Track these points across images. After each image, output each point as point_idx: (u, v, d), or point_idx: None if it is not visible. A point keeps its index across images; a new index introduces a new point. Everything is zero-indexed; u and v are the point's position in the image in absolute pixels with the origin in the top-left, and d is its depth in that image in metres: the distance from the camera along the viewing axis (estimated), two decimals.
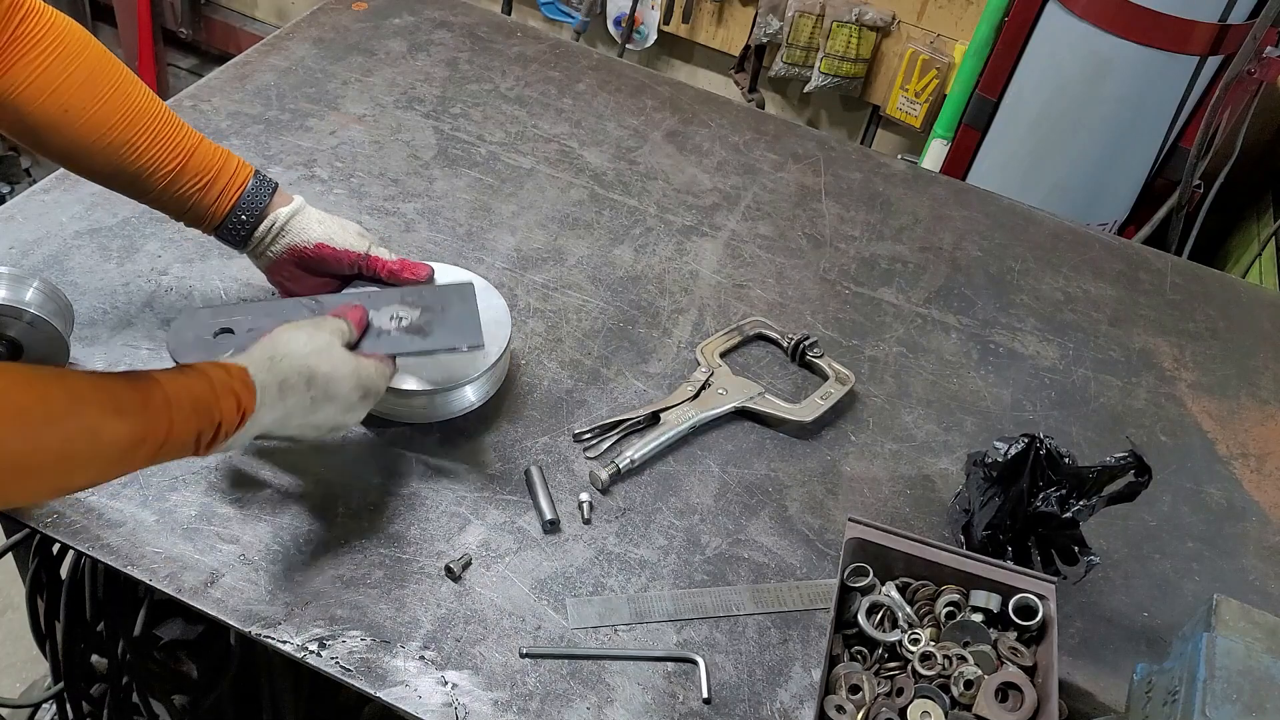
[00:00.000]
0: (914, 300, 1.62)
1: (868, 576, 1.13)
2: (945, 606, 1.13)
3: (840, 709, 1.04)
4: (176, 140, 1.17)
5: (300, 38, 1.89)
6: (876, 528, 1.14)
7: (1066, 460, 1.18)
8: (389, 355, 1.13)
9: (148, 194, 1.19)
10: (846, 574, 1.13)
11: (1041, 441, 1.18)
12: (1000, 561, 1.14)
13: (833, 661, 1.09)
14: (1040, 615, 1.09)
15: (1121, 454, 1.16)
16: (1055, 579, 1.12)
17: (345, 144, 1.68)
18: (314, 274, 1.25)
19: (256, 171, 1.22)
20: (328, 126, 1.71)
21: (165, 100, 1.71)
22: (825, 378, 1.43)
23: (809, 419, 1.37)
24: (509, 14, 3.17)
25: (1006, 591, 1.12)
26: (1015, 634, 1.11)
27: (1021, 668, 1.07)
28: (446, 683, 1.06)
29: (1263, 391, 1.58)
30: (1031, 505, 1.18)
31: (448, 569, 1.14)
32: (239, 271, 1.42)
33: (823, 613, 1.18)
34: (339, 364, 1.05)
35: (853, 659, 1.10)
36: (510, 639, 1.10)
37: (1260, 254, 2.40)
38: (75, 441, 0.84)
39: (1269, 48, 2.18)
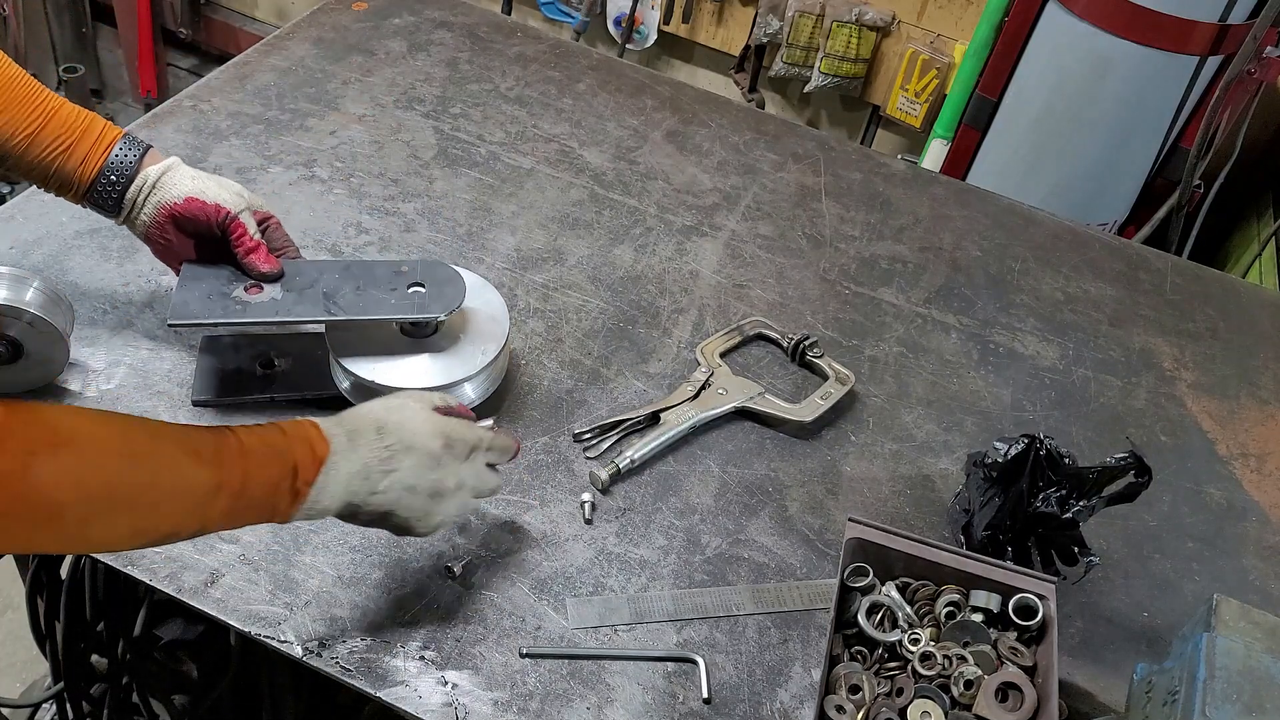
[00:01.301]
0: (914, 300, 1.62)
1: (868, 576, 1.13)
2: (945, 606, 1.13)
3: (840, 709, 1.04)
4: (34, 103, 1.12)
5: (300, 38, 1.89)
6: (876, 528, 1.14)
7: (1066, 461, 1.18)
8: (463, 405, 1.11)
9: (6, 160, 1.13)
10: (846, 574, 1.13)
11: (1041, 442, 1.18)
12: (1000, 562, 1.14)
13: (833, 661, 1.09)
14: (1040, 615, 1.09)
15: (1122, 454, 1.16)
16: (1055, 579, 1.12)
17: (345, 144, 1.68)
18: (188, 234, 1.21)
19: (126, 134, 1.18)
20: (328, 126, 1.71)
21: (165, 100, 1.72)
22: (825, 378, 1.43)
23: (809, 419, 1.37)
24: (509, 14, 3.17)
25: (1006, 591, 1.12)
26: (1015, 634, 1.11)
27: (1021, 668, 1.07)
28: (446, 683, 1.06)
29: (1263, 391, 1.58)
30: (1031, 506, 1.18)
31: (447, 569, 1.14)
32: None
33: (823, 613, 1.18)
34: (411, 413, 1.01)
35: (853, 659, 1.10)
36: (510, 639, 1.10)
37: (1260, 254, 2.40)
38: (157, 477, 0.82)
39: (1269, 48, 2.18)
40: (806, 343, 1.45)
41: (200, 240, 1.22)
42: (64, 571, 1.47)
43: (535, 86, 1.89)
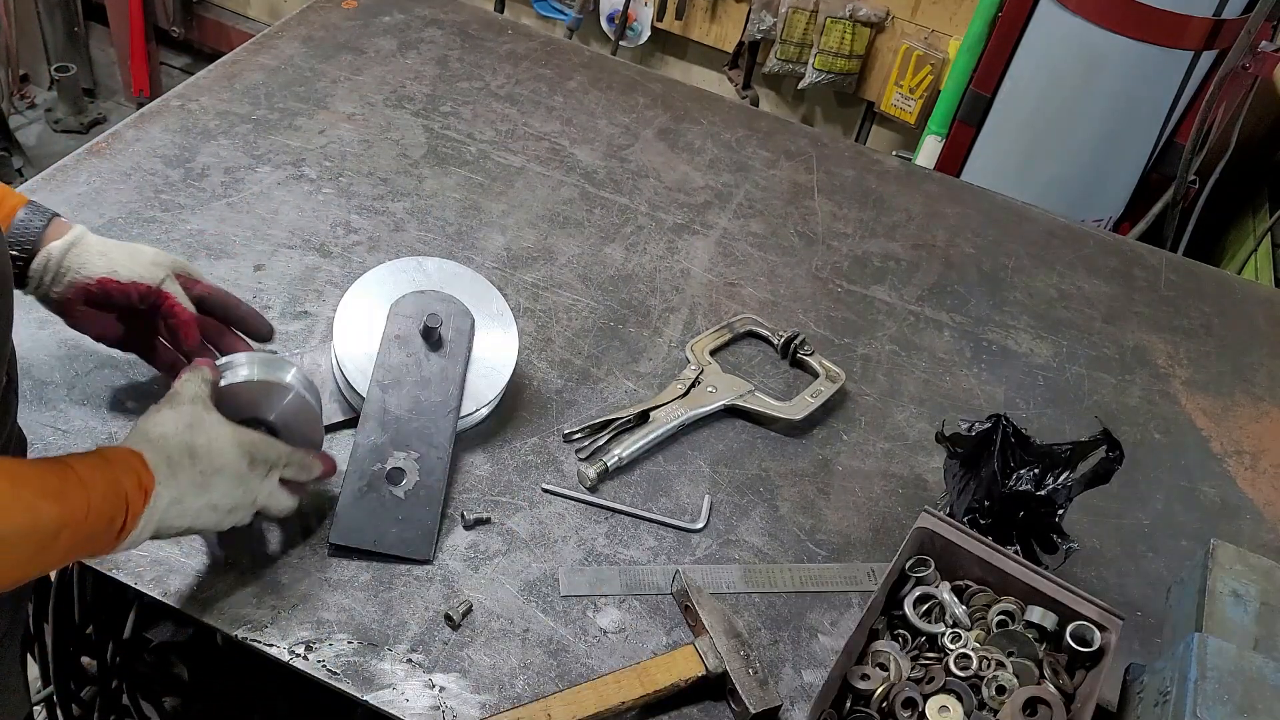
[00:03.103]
0: (906, 298, 1.61)
1: (929, 568, 1.12)
2: (998, 615, 1.11)
3: (865, 677, 1.05)
4: None
5: (289, 36, 1.88)
6: (951, 524, 1.13)
7: (1033, 440, 1.17)
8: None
9: None
10: (909, 564, 1.12)
11: (1008, 421, 1.17)
12: (1072, 586, 1.10)
13: (872, 635, 1.09)
14: (1097, 645, 1.06)
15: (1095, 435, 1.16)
16: (1123, 617, 1.08)
17: (334, 143, 1.67)
18: (106, 309, 1.13)
19: (31, 202, 1.10)
20: (316, 125, 1.70)
21: (153, 99, 1.71)
22: (816, 375, 1.42)
23: (798, 417, 1.36)
24: (502, 11, 3.16)
25: (1067, 615, 1.08)
26: (1066, 657, 1.08)
27: (1060, 690, 1.04)
28: (434, 685, 1.05)
29: (1257, 388, 1.58)
30: (1006, 485, 1.17)
31: (447, 617, 1.10)
32: (226, 272, 1.41)
33: (812, 613, 1.18)
34: (215, 435, 0.99)
35: (894, 640, 1.10)
36: (498, 642, 1.10)
37: (1256, 249, 2.39)
38: (15, 523, 0.80)
39: (1263, 42, 2.18)
40: (797, 340, 1.44)
41: (121, 314, 1.15)
42: (52, 574, 1.46)
43: (526, 84, 1.88)
